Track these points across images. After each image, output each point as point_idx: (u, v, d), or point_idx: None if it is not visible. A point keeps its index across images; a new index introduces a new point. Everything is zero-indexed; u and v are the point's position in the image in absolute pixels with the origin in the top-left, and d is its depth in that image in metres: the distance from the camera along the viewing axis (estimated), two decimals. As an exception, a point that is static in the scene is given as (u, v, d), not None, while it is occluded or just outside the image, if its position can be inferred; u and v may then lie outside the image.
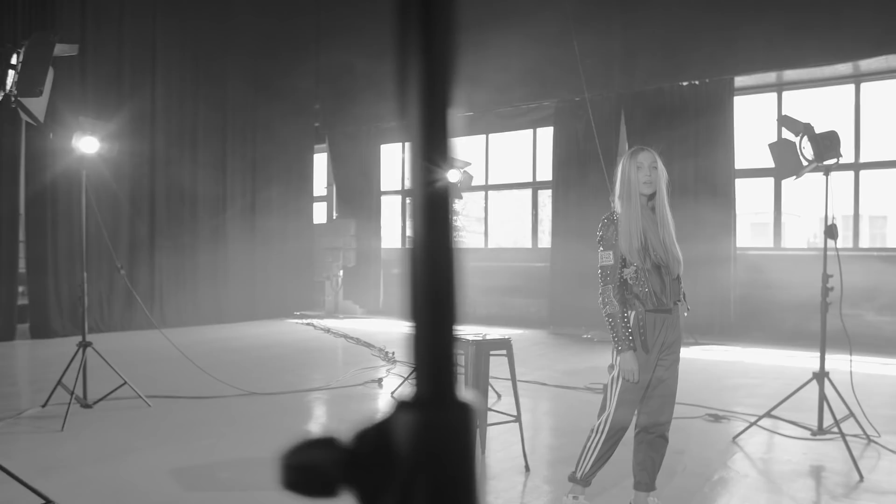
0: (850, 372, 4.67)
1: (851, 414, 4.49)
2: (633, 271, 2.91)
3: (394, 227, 13.81)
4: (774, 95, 9.80)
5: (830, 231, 4.17)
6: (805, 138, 4.14)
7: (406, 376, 6.56)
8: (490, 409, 4.10)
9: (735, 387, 6.39)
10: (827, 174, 4.32)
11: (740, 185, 9.67)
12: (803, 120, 4.26)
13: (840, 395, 4.56)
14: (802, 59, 8.89)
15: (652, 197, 2.96)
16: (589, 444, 3.02)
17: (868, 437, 4.53)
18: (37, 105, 2.92)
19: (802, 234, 18.49)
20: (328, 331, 10.73)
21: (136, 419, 5.06)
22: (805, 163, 4.28)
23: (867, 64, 8.78)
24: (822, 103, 9.96)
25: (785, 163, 4.32)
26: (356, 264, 13.45)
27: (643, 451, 3.07)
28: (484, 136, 12.40)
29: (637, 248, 2.87)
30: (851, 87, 9.23)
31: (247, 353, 8.54)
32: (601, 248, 2.96)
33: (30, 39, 2.92)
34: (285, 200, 13.06)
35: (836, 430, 4.29)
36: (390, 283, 13.22)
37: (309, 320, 12.16)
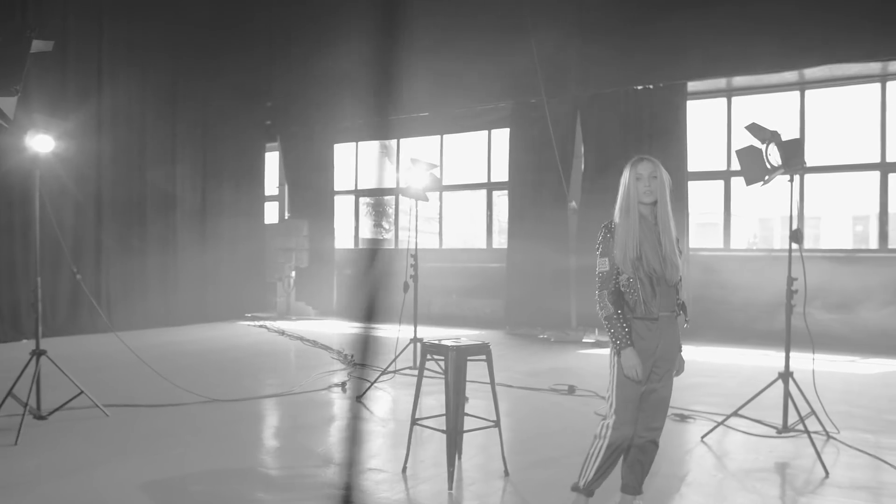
0: (813, 371, 4.84)
1: (812, 412, 4.66)
2: (625, 279, 2.96)
3: (347, 227, 13.67)
4: (724, 101, 10.12)
5: (795, 236, 4.30)
6: (772, 145, 4.26)
7: (372, 381, 6.49)
8: (466, 414, 4.08)
9: (694, 385, 6.53)
10: (792, 180, 4.46)
11: (690, 186, 9.92)
12: (770, 128, 4.39)
13: (803, 393, 4.72)
14: (751, 67, 9.21)
15: (655, 204, 3.00)
16: (592, 449, 3.04)
17: (828, 433, 4.70)
18: (6, 103, 2.74)
19: (743, 234, 19.13)
20: (283, 333, 10.54)
21: (94, 430, 4.85)
22: (770, 168, 4.41)
23: (812, 72, 9.13)
24: (768, 109, 10.30)
25: (752, 169, 4.44)
26: (309, 265, 13.27)
27: (633, 455, 3.12)
28: (439, 136, 12.39)
29: (631, 259, 2.93)
30: (797, 94, 9.60)
31: (202, 357, 8.32)
32: (598, 255, 3.02)
33: (2, 35, 2.74)
34: (236, 200, 12.78)
35: (799, 427, 4.44)
36: (343, 284, 13.09)
37: (262, 322, 11.94)
